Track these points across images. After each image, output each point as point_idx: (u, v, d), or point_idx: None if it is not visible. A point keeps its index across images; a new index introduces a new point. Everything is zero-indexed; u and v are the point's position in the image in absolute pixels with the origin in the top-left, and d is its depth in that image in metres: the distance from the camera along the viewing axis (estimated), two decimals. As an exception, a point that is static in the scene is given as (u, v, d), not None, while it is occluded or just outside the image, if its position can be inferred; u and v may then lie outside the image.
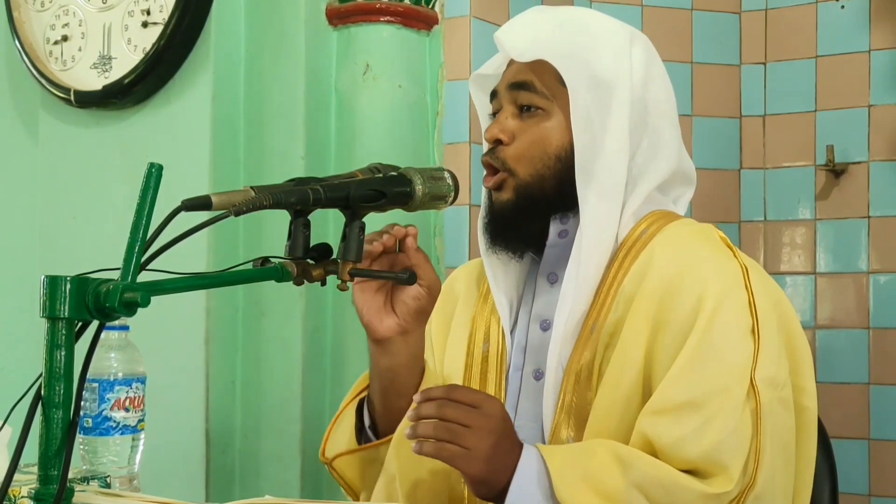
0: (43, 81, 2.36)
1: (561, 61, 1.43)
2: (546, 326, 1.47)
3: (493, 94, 1.52)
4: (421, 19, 2.29)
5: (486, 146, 1.51)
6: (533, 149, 1.44)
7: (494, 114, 1.52)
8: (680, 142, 1.52)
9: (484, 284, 1.56)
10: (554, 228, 1.47)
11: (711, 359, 1.32)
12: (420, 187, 1.28)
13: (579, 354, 1.41)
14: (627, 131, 1.43)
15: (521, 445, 1.32)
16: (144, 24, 2.25)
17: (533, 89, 1.45)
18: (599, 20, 1.51)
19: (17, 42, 2.41)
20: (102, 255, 1.16)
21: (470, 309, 1.57)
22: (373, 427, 1.49)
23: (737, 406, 1.30)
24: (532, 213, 1.45)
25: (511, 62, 1.50)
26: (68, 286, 0.99)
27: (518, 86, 1.46)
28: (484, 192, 1.53)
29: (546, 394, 1.43)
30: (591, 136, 1.42)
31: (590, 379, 1.40)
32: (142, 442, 1.48)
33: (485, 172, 1.49)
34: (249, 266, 1.21)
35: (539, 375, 1.46)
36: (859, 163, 2.66)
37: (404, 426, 1.37)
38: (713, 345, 1.32)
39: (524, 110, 1.46)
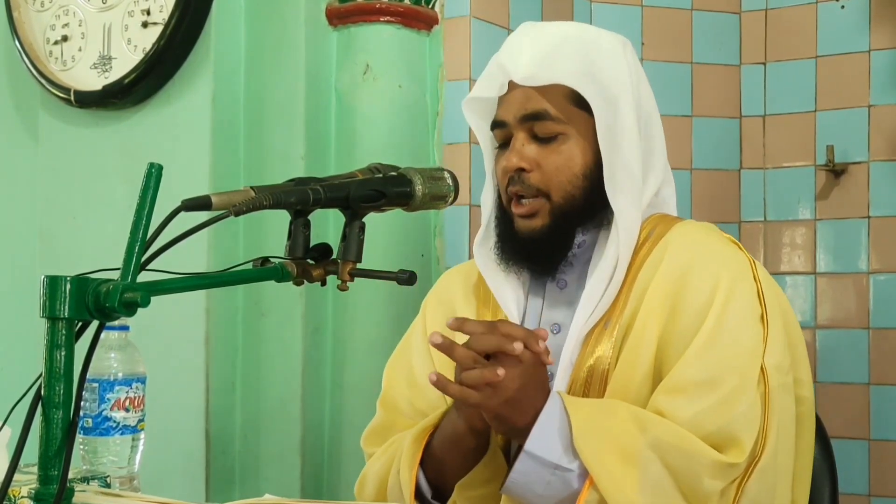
0: (43, 81, 2.36)
1: (578, 83, 1.44)
2: (557, 330, 1.49)
3: (499, 125, 1.50)
4: (421, 19, 2.29)
5: (496, 176, 1.50)
6: (562, 173, 1.45)
7: (501, 144, 1.51)
8: (663, 137, 1.55)
9: (480, 289, 1.57)
10: (577, 239, 1.49)
11: (726, 341, 1.36)
12: (420, 187, 1.28)
13: (591, 351, 1.43)
14: (637, 134, 1.46)
15: (547, 392, 1.35)
16: (144, 25, 2.25)
17: (548, 117, 1.45)
18: (589, 31, 1.52)
19: (17, 42, 2.40)
20: (102, 255, 1.16)
21: (471, 314, 1.57)
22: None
23: (751, 386, 1.34)
24: (566, 233, 1.47)
25: (513, 85, 1.48)
26: (68, 286, 1.00)
27: (532, 117, 1.46)
28: (493, 212, 1.52)
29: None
30: (613, 148, 1.45)
31: (604, 375, 1.42)
32: (142, 442, 1.48)
33: (509, 200, 1.48)
34: (249, 266, 1.21)
35: (550, 378, 1.46)
36: (859, 163, 2.66)
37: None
38: (728, 328, 1.37)
39: (540, 136, 1.47)
